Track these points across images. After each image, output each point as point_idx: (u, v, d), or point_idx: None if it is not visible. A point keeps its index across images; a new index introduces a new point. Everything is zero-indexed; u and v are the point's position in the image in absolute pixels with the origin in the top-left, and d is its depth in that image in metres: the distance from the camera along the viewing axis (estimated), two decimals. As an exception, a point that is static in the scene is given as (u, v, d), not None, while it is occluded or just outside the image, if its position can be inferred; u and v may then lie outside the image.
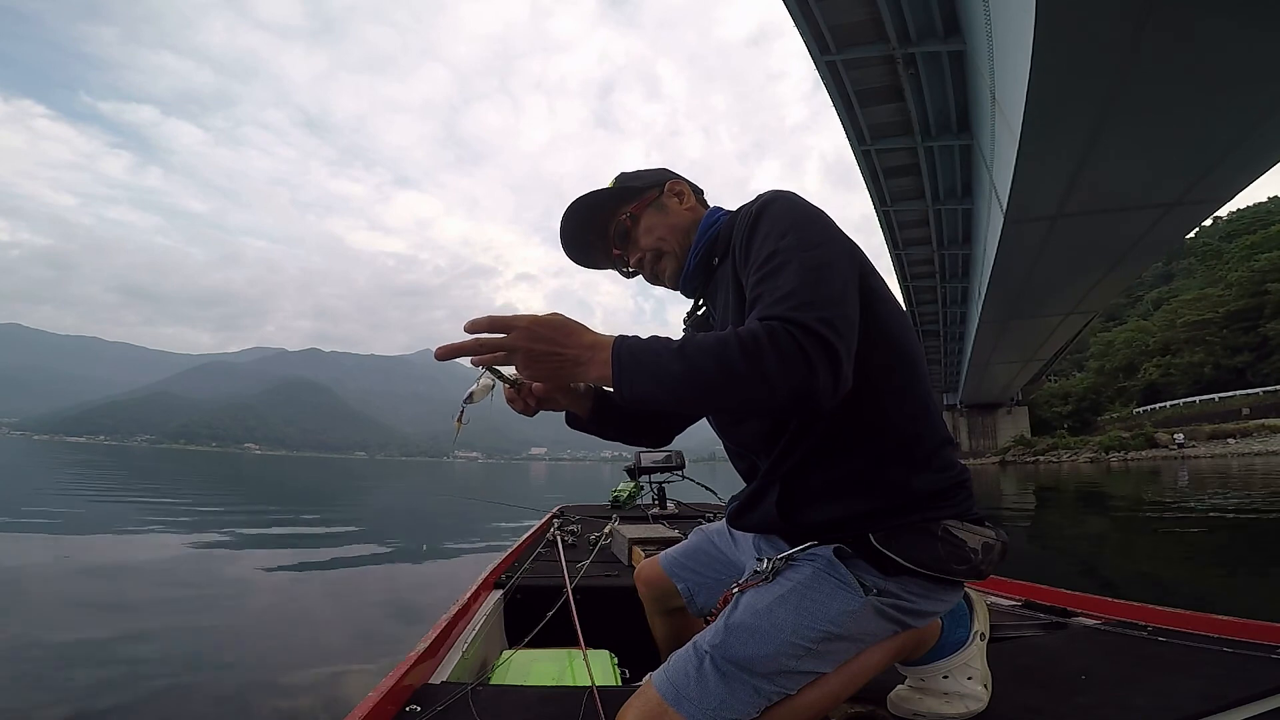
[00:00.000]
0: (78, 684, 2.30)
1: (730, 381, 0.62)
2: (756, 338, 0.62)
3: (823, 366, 0.61)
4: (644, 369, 0.66)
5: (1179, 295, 52.76)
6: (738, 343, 0.62)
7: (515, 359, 0.72)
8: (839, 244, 0.75)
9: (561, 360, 0.70)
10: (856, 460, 0.76)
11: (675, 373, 0.64)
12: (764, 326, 0.63)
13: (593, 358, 0.69)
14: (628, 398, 0.67)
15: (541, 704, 0.96)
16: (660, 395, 0.66)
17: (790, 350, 0.61)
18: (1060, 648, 1.16)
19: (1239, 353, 40.88)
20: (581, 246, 1.00)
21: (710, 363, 0.63)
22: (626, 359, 0.67)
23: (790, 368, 0.61)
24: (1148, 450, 30.89)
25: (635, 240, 0.95)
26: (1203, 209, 12.92)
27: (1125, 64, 7.94)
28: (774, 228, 0.75)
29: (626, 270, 0.99)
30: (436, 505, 13.03)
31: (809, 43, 12.83)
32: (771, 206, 0.78)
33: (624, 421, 1.05)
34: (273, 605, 3.79)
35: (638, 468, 3.64)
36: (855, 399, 0.76)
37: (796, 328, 0.62)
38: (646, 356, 0.66)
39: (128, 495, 11.69)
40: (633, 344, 0.68)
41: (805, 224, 0.75)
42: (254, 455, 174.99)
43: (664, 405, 0.67)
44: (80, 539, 5.98)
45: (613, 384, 0.68)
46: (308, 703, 2.23)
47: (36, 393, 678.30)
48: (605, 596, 1.68)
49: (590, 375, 0.70)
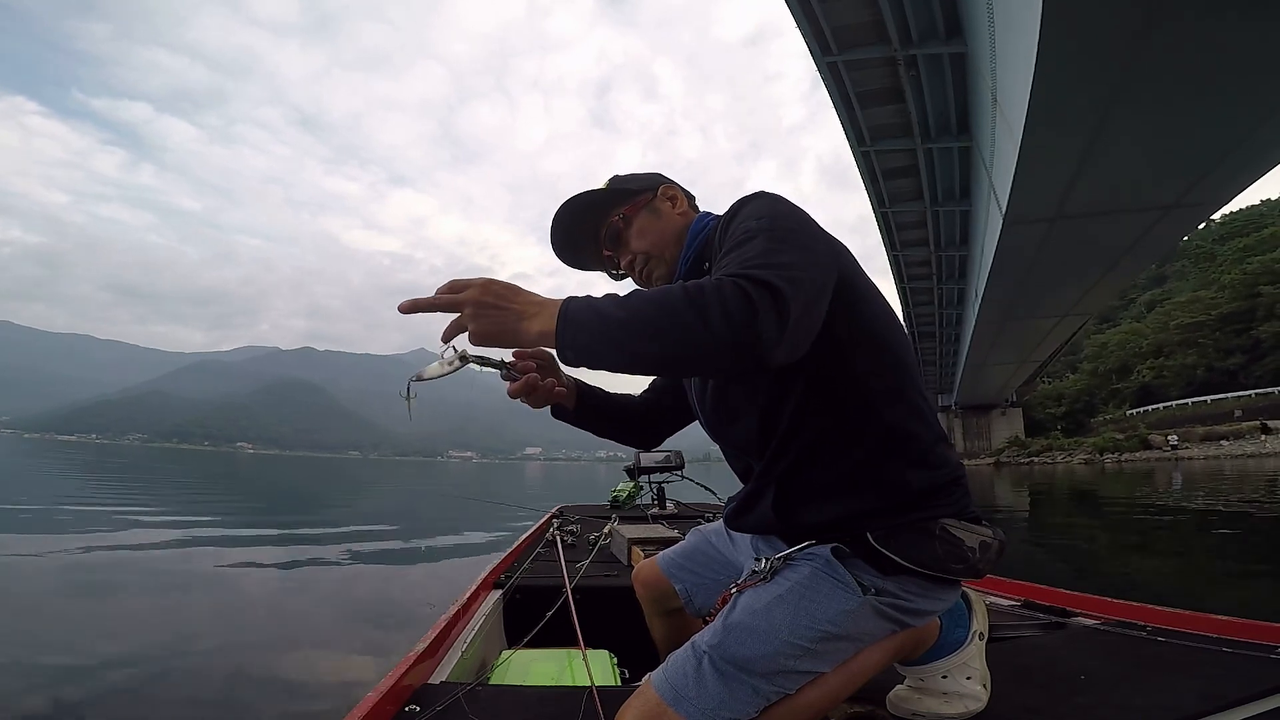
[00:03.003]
0: (76, 686, 2.28)
1: (671, 327, 0.60)
2: (702, 287, 0.61)
3: (766, 312, 0.59)
4: (586, 323, 0.64)
5: (1172, 297, 53.07)
6: (682, 290, 0.61)
7: (465, 316, 0.70)
8: (817, 235, 0.75)
9: (505, 313, 0.68)
10: (850, 460, 0.77)
11: (616, 319, 0.63)
12: (713, 279, 0.62)
13: (538, 312, 0.68)
14: (570, 350, 0.66)
15: (541, 704, 0.95)
16: (599, 348, 0.64)
17: (734, 296, 0.59)
18: (1059, 648, 1.16)
19: (1231, 355, 41.16)
20: (572, 246, 0.99)
21: (651, 310, 0.62)
22: (571, 312, 0.65)
23: (732, 311, 0.59)
24: (1142, 452, 31.04)
25: (626, 242, 0.95)
26: (1200, 211, 13.00)
27: (1129, 64, 7.94)
28: (749, 215, 0.75)
29: (616, 273, 0.99)
30: (435, 505, 13.00)
31: (811, 44, 12.86)
32: (752, 200, 0.79)
33: (604, 416, 1.08)
34: (271, 605, 3.77)
35: (637, 468, 3.64)
36: (845, 399, 0.77)
37: (746, 279, 0.61)
38: (589, 310, 0.65)
39: (123, 495, 11.62)
40: (580, 299, 0.67)
41: (783, 213, 0.75)
42: (247, 454, 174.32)
43: (606, 360, 0.65)
44: (75, 538, 5.92)
45: (555, 340, 0.66)
46: (307, 702, 2.22)
47: (28, 391, 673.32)
48: (605, 596, 1.68)
49: (534, 329, 0.68)
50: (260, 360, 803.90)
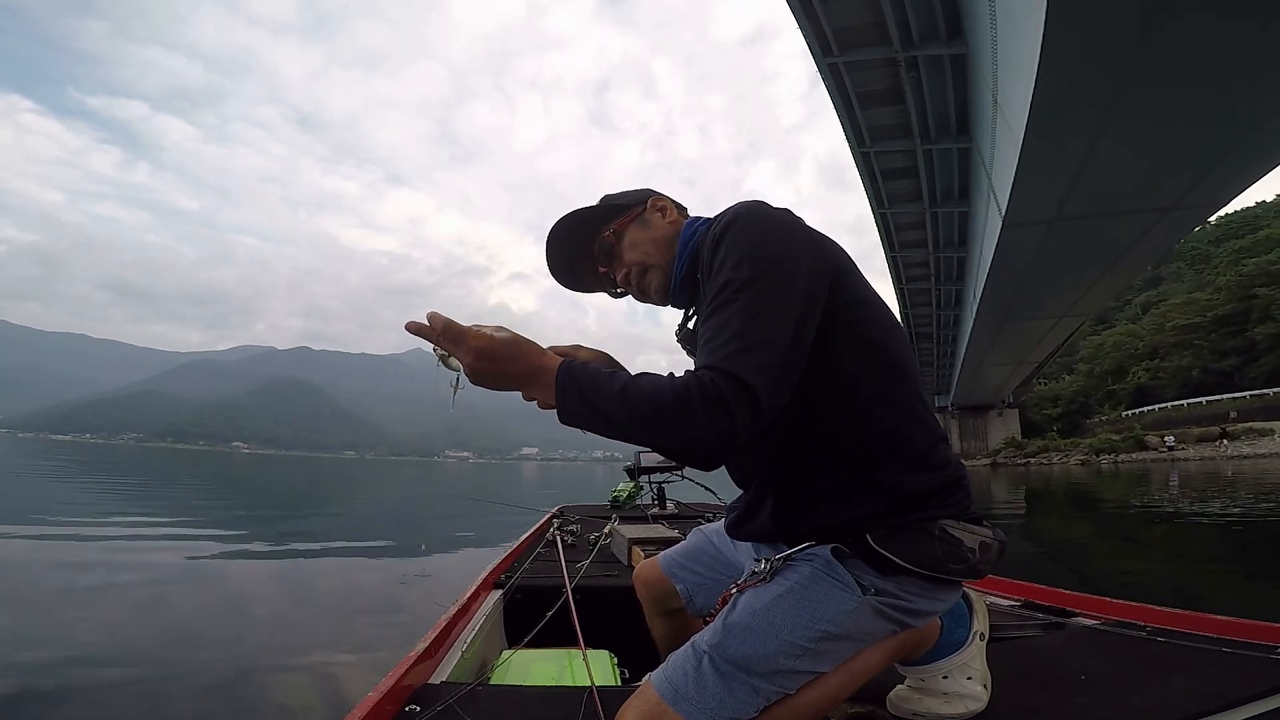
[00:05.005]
0: (75, 686, 2.27)
1: (660, 428, 0.68)
2: (689, 390, 0.67)
3: (741, 414, 0.66)
4: (585, 403, 0.70)
5: (1168, 299, 53.20)
6: (671, 394, 0.67)
7: (464, 368, 0.75)
8: (796, 265, 0.74)
9: (500, 379, 0.74)
10: (847, 467, 0.77)
11: (612, 412, 0.69)
12: (696, 378, 0.67)
13: (536, 381, 0.73)
14: (566, 424, 0.72)
15: (541, 704, 0.96)
16: (597, 427, 0.71)
17: (715, 403, 0.66)
18: (1060, 648, 1.16)
19: (1227, 356, 41.32)
20: (567, 266, 1.00)
21: (646, 409, 0.68)
22: (570, 389, 0.71)
23: (713, 421, 0.66)
24: (1138, 452, 31.12)
25: (620, 256, 0.96)
26: (1199, 213, 13.03)
27: (1132, 64, 7.91)
28: (729, 255, 0.74)
29: (615, 291, 1.00)
30: (434, 505, 12.98)
31: (812, 45, 12.88)
32: (733, 227, 0.77)
33: None
34: (270, 605, 3.76)
35: (637, 468, 3.64)
36: (842, 406, 0.77)
37: (723, 377, 0.66)
38: (589, 390, 0.70)
39: (119, 494, 11.57)
40: (576, 374, 0.71)
41: (761, 251, 0.73)
42: (243, 454, 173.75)
43: (599, 434, 0.73)
44: (72, 538, 5.91)
45: (556, 409, 0.72)
46: (308, 702, 2.21)
47: (22, 390, 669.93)
48: (605, 596, 1.68)
49: (533, 395, 0.75)
50: (257, 360, 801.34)
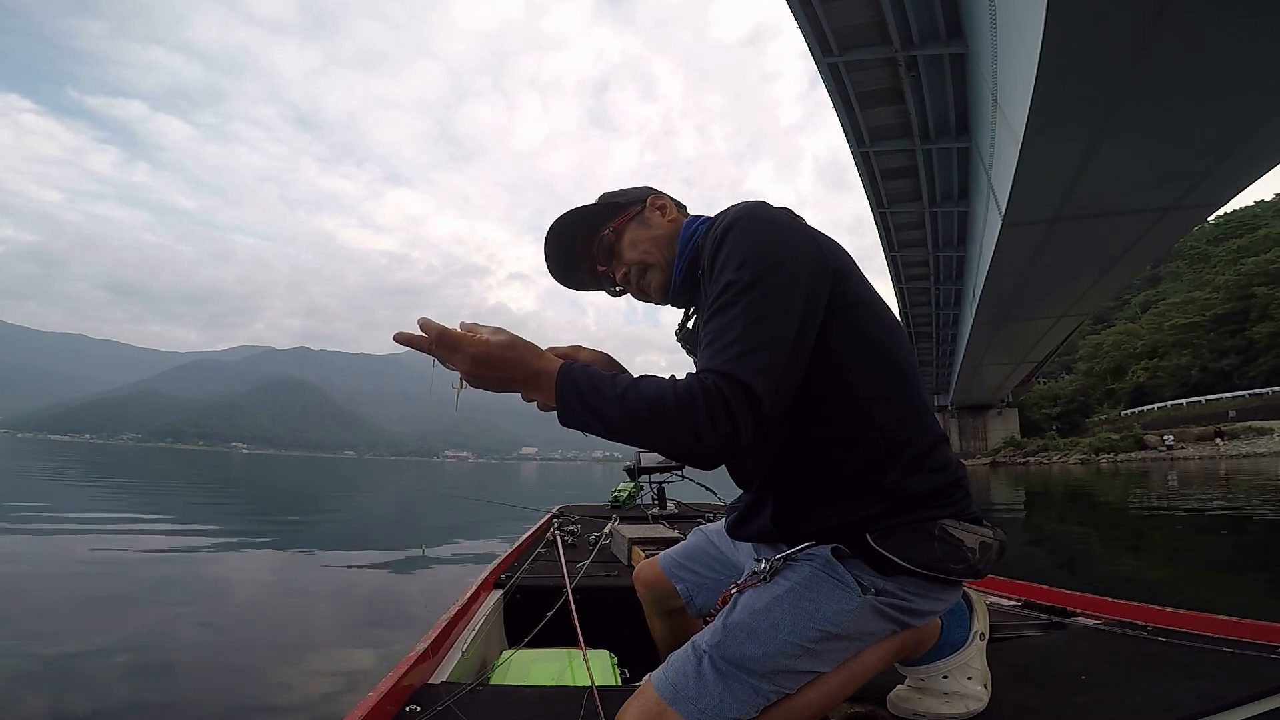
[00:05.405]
0: (75, 687, 2.27)
1: (663, 432, 0.67)
2: (692, 393, 0.66)
3: (745, 419, 0.65)
4: (585, 406, 0.69)
5: (1166, 298, 53.23)
6: (674, 398, 0.66)
7: (463, 374, 0.74)
8: (798, 267, 0.74)
9: (504, 386, 0.73)
10: (848, 469, 0.77)
11: (613, 417, 0.68)
12: (699, 382, 0.66)
13: (535, 385, 0.72)
14: (567, 426, 0.72)
15: (541, 704, 0.95)
16: (597, 430, 0.70)
17: (719, 407, 0.65)
18: (1060, 648, 1.16)
19: (1225, 356, 41.34)
20: (566, 265, 1.00)
21: (647, 413, 0.66)
22: (569, 393, 0.70)
23: (717, 425, 0.65)
24: (1137, 452, 31.12)
25: (619, 255, 0.95)
26: (1199, 213, 12.99)
27: (1133, 64, 7.88)
28: (732, 256, 0.74)
29: (613, 289, 0.99)
30: (434, 505, 12.98)
31: (812, 45, 12.85)
32: (735, 228, 0.76)
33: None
34: (270, 606, 3.76)
35: (637, 468, 3.64)
36: (842, 408, 0.77)
37: (727, 381, 0.66)
38: (589, 394, 0.69)
39: (117, 494, 11.56)
40: (576, 378, 0.70)
41: (763, 253, 0.73)
42: (242, 454, 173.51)
43: (600, 436, 0.72)
44: (70, 538, 5.90)
45: (556, 413, 0.72)
46: (307, 702, 2.21)
47: (21, 390, 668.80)
48: (605, 596, 1.68)
49: (533, 399, 0.75)
50: (255, 359, 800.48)
